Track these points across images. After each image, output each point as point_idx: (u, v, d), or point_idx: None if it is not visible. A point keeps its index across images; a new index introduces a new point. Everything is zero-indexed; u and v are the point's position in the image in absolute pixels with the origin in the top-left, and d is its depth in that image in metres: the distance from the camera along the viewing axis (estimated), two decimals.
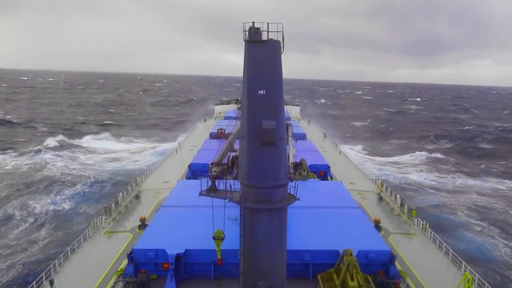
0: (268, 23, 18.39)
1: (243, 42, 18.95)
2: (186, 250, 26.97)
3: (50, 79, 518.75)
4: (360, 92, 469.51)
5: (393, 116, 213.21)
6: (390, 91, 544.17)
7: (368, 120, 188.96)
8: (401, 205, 39.51)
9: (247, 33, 18.69)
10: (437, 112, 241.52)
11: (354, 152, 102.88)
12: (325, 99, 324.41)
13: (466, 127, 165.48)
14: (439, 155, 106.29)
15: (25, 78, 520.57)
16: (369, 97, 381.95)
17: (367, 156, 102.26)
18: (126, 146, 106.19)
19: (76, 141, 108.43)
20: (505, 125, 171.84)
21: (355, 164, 60.73)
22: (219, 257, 24.84)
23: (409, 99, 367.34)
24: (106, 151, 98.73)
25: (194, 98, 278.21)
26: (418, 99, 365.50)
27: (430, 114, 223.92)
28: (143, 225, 34.91)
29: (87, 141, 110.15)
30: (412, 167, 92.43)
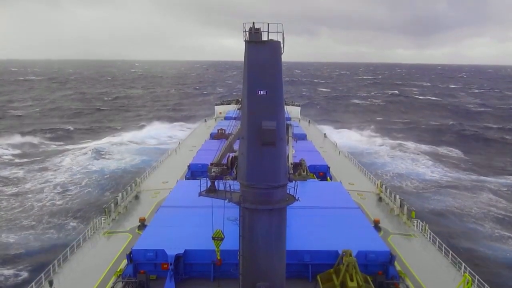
0: (268, 24, 18.46)
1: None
2: (185, 250, 26.96)
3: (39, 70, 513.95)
4: (360, 76, 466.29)
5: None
6: (392, 72, 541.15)
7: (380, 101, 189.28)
8: (400, 206, 39.54)
9: (247, 33, 18.72)
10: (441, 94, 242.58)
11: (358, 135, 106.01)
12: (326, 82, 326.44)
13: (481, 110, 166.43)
14: (451, 147, 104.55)
15: (14, 69, 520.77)
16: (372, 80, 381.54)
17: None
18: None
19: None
20: None
21: (355, 165, 60.70)
22: (219, 257, 24.82)
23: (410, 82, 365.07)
24: None
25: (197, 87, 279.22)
26: (428, 84, 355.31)
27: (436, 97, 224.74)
28: (142, 225, 34.89)
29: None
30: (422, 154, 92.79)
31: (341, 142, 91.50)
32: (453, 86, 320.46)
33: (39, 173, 74.44)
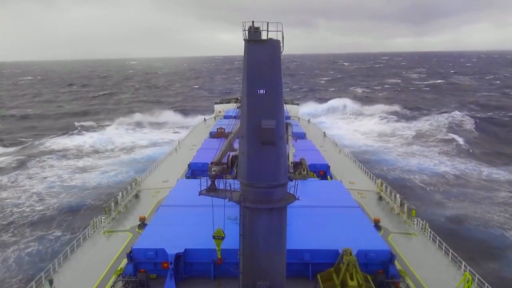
0: (268, 23, 18.45)
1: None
2: (185, 249, 26.95)
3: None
4: (359, 66, 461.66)
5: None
6: (394, 61, 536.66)
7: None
8: (400, 204, 39.53)
9: (246, 32, 18.72)
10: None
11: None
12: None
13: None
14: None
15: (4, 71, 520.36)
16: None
17: None
18: None
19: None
20: None
21: (355, 164, 60.67)
22: (219, 256, 24.83)
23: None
24: None
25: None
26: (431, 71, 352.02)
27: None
28: (142, 224, 34.87)
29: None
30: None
31: (349, 132, 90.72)
32: (460, 72, 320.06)
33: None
